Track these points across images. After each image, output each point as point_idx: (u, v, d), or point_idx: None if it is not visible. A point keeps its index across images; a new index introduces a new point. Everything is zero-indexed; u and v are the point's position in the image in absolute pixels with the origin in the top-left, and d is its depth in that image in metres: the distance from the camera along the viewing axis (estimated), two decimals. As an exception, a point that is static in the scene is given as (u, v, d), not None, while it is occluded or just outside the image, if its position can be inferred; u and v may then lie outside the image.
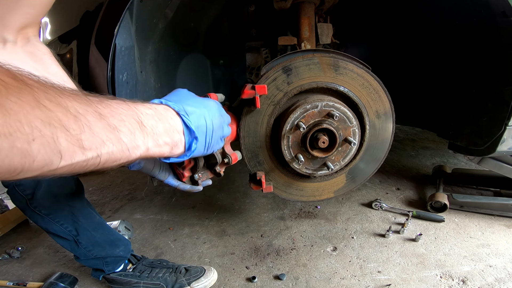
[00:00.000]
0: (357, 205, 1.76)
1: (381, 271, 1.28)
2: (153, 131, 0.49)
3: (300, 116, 1.03)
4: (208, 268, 1.29)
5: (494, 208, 1.57)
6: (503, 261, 1.30)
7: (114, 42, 0.92)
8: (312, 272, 1.30)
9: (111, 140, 0.41)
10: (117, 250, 1.21)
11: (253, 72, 1.80)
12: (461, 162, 2.24)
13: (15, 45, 0.67)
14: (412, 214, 1.60)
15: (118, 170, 2.40)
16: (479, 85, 1.30)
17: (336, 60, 1.06)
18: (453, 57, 1.42)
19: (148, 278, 1.23)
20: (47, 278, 1.29)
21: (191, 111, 0.59)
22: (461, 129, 1.41)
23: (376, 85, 1.09)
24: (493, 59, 1.22)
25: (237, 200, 1.89)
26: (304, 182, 1.23)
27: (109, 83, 0.95)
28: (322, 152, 1.08)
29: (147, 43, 1.15)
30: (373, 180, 1.99)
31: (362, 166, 1.23)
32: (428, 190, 1.86)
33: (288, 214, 1.71)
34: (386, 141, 1.19)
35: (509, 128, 1.17)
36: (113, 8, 0.96)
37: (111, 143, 0.41)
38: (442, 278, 1.24)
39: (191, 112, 0.59)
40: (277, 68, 1.05)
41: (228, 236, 1.57)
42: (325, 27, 1.51)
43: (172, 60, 1.43)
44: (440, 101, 1.55)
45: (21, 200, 1.06)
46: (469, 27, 1.26)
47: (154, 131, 0.49)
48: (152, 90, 1.26)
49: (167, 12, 1.18)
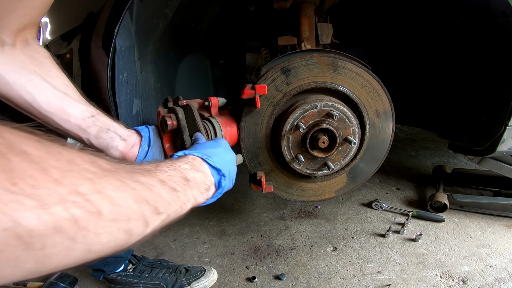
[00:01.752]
0: (357, 205, 1.76)
1: (381, 271, 1.28)
2: (195, 182, 0.55)
3: (300, 117, 1.03)
4: (208, 268, 1.29)
5: (494, 208, 1.57)
6: (503, 261, 1.30)
7: (114, 42, 0.92)
8: (312, 272, 1.30)
9: (174, 200, 0.47)
10: (117, 250, 1.21)
11: (253, 72, 1.80)
12: (461, 162, 2.24)
13: (14, 47, 0.66)
14: (412, 214, 1.60)
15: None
16: (479, 85, 1.30)
17: (335, 60, 1.05)
18: (453, 57, 1.42)
19: (148, 278, 1.23)
20: (47, 278, 1.29)
21: (212, 153, 0.64)
22: (461, 129, 1.41)
23: (375, 84, 1.09)
24: (493, 59, 1.22)
25: (237, 200, 1.89)
26: (305, 182, 1.23)
27: (109, 83, 0.95)
28: (322, 152, 1.08)
29: (147, 43, 1.15)
30: (373, 180, 1.99)
31: (362, 166, 1.23)
32: (428, 190, 1.85)
33: (288, 214, 1.71)
34: (386, 140, 1.19)
35: (509, 128, 1.17)
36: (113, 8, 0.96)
37: (175, 202, 0.47)
38: (442, 278, 1.24)
39: (211, 154, 0.63)
40: (276, 69, 1.05)
41: (228, 236, 1.57)
42: (325, 27, 1.51)
43: (172, 60, 1.42)
44: (440, 101, 1.55)
45: None
46: (469, 27, 1.26)
47: (196, 182, 0.55)
48: (152, 90, 1.26)
49: (167, 12, 1.18)
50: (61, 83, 0.73)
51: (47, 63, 0.72)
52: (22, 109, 0.70)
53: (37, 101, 0.68)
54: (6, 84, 0.66)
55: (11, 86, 0.66)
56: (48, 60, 0.72)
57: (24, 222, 0.25)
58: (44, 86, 0.69)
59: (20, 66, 0.67)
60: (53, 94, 0.70)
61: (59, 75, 0.73)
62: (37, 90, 0.68)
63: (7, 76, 0.65)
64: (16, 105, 0.69)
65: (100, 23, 1.00)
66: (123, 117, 1.03)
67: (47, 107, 0.69)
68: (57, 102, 0.70)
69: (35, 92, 0.68)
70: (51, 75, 0.71)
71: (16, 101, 0.68)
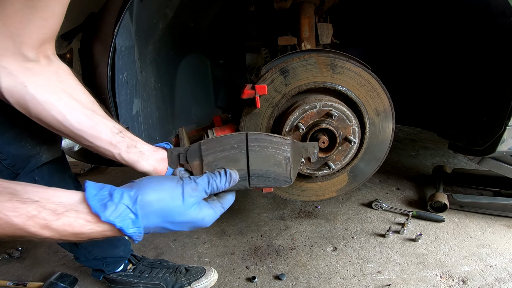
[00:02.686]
0: (357, 205, 1.76)
1: (381, 271, 1.28)
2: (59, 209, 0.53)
3: (299, 117, 1.03)
4: (208, 268, 1.29)
5: (494, 208, 1.57)
6: (503, 261, 1.30)
7: (114, 42, 0.92)
8: (312, 272, 1.30)
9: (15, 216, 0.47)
10: (116, 251, 1.21)
11: (253, 72, 1.80)
12: (461, 162, 2.24)
13: (40, 64, 0.66)
14: (412, 214, 1.60)
15: (118, 170, 2.41)
16: (479, 85, 1.30)
17: (333, 60, 1.06)
18: (453, 57, 1.42)
19: (148, 278, 1.23)
20: (47, 278, 1.29)
21: None
22: (461, 129, 1.41)
23: (374, 83, 1.09)
24: (493, 59, 1.22)
25: (237, 200, 1.88)
26: (306, 182, 1.23)
27: (108, 83, 0.95)
28: (322, 152, 1.08)
29: (147, 43, 1.15)
30: (373, 180, 1.99)
31: (363, 165, 1.23)
32: (428, 190, 1.85)
33: (288, 214, 1.71)
34: (386, 139, 1.19)
35: (509, 128, 1.17)
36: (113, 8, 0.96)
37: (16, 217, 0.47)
38: (442, 278, 1.24)
39: None
40: (274, 70, 1.05)
41: (228, 236, 1.57)
42: (325, 27, 1.51)
43: (172, 60, 1.43)
44: (440, 101, 1.55)
45: None
46: (469, 27, 1.26)
47: None
48: (152, 90, 1.26)
49: (167, 12, 1.18)
50: (88, 100, 0.73)
51: (71, 80, 0.72)
52: (53, 129, 0.70)
53: (68, 120, 0.68)
54: (38, 104, 0.65)
55: (43, 106, 0.66)
56: (72, 77, 0.73)
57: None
58: (74, 105, 0.69)
59: (48, 85, 0.67)
60: (83, 112, 0.70)
61: (84, 92, 0.74)
62: (68, 109, 0.68)
63: (38, 95, 0.65)
64: (47, 125, 0.69)
65: (104, 22, 1.00)
66: (123, 117, 1.03)
67: (78, 125, 0.69)
68: (86, 120, 0.70)
69: (65, 111, 0.68)
70: (77, 92, 0.72)
71: (48, 120, 0.68)
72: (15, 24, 0.58)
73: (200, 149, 0.65)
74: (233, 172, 0.64)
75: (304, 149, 0.73)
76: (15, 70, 0.62)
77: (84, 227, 0.48)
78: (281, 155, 0.68)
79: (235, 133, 0.67)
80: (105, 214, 0.48)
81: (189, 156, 0.67)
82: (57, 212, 0.46)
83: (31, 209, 0.44)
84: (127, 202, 0.50)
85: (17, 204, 0.44)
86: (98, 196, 0.49)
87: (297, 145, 0.72)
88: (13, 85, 0.63)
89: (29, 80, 0.64)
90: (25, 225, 0.44)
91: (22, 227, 0.44)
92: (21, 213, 0.44)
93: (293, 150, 0.70)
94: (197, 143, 0.67)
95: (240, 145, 0.65)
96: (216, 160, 0.65)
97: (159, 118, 1.33)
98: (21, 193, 0.45)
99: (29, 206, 0.44)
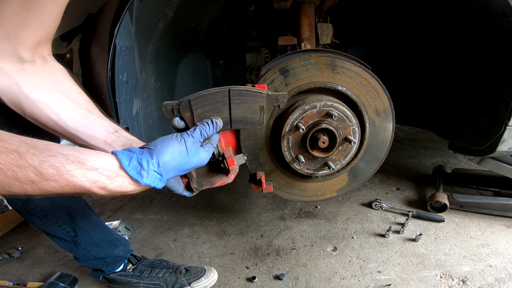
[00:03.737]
0: (357, 205, 1.76)
1: (381, 271, 1.28)
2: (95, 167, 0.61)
3: (299, 117, 1.03)
4: (208, 268, 1.29)
5: (494, 208, 1.57)
6: (503, 261, 1.30)
7: (114, 42, 0.92)
8: (312, 272, 1.30)
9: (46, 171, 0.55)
10: (116, 251, 1.21)
11: (253, 72, 1.80)
12: (461, 162, 2.24)
13: (35, 65, 0.67)
14: (412, 214, 1.60)
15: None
16: (479, 85, 1.30)
17: (333, 60, 1.05)
18: (453, 57, 1.42)
19: (148, 278, 1.23)
20: (47, 278, 1.29)
21: None
22: (461, 129, 1.41)
23: (374, 83, 1.09)
24: (493, 59, 1.22)
25: (237, 200, 1.89)
26: (306, 182, 1.23)
27: (109, 83, 0.95)
28: (322, 152, 1.08)
29: (147, 43, 1.15)
30: (373, 180, 1.99)
31: (363, 165, 1.23)
32: (428, 190, 1.85)
33: (288, 214, 1.71)
34: (386, 139, 1.19)
35: (509, 128, 1.17)
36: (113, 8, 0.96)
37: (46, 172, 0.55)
38: (442, 278, 1.24)
39: None
40: (274, 70, 1.05)
41: (228, 236, 1.57)
42: (325, 27, 1.51)
43: (172, 60, 1.43)
44: (440, 101, 1.55)
45: (17, 202, 1.06)
46: (468, 27, 1.26)
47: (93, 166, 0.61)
48: (152, 90, 1.26)
49: (167, 12, 1.18)
50: (83, 99, 0.74)
51: (66, 79, 0.73)
52: (48, 128, 0.71)
53: (62, 120, 0.70)
54: (32, 103, 0.67)
55: (37, 105, 0.67)
56: (67, 77, 0.73)
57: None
58: (68, 104, 0.71)
59: (43, 85, 0.68)
60: (77, 112, 0.71)
61: (80, 92, 0.74)
62: (62, 109, 0.69)
63: (32, 95, 0.66)
64: (42, 124, 0.70)
65: (101, 23, 1.00)
66: (123, 117, 1.03)
67: (72, 124, 0.71)
68: (81, 119, 0.72)
69: (60, 110, 0.69)
70: (72, 92, 0.73)
71: (42, 120, 0.69)
72: (12, 26, 0.59)
73: (190, 104, 0.78)
74: (218, 120, 0.79)
75: (276, 98, 0.87)
76: (10, 70, 0.63)
77: (128, 188, 0.62)
78: (257, 105, 0.84)
79: (220, 89, 0.79)
80: (144, 181, 0.61)
81: (182, 109, 0.78)
82: (111, 178, 0.59)
83: (94, 175, 0.56)
84: (154, 168, 0.62)
85: (86, 172, 0.55)
86: (131, 166, 0.61)
87: (271, 96, 0.86)
88: (8, 84, 0.64)
89: (23, 80, 0.65)
90: (91, 188, 0.56)
91: (89, 189, 0.56)
92: (88, 178, 0.55)
93: (267, 100, 0.85)
94: (186, 99, 0.78)
95: (224, 99, 0.80)
96: (204, 112, 0.79)
97: (159, 118, 1.33)
98: (86, 161, 0.56)
99: (93, 173, 0.56)
